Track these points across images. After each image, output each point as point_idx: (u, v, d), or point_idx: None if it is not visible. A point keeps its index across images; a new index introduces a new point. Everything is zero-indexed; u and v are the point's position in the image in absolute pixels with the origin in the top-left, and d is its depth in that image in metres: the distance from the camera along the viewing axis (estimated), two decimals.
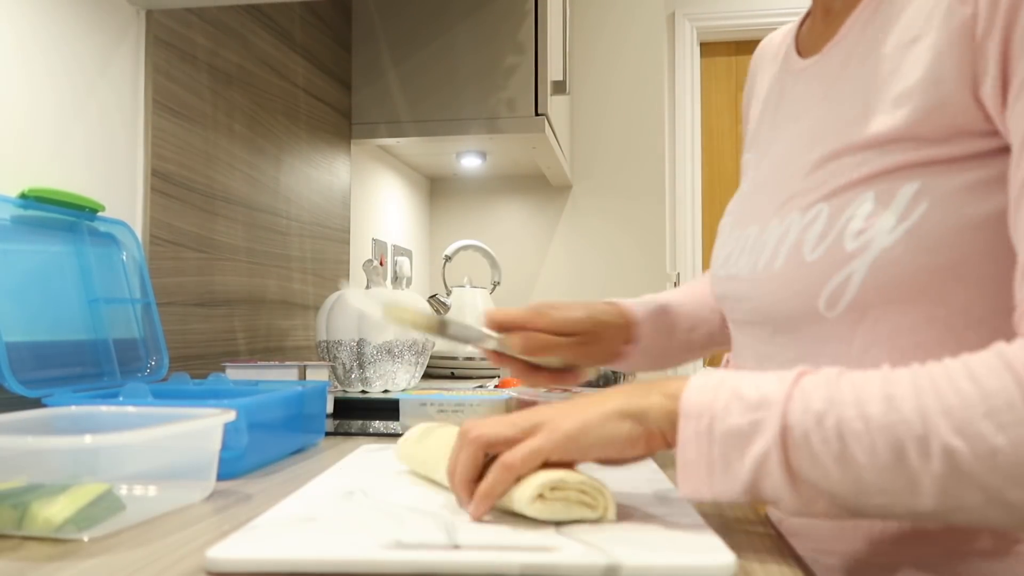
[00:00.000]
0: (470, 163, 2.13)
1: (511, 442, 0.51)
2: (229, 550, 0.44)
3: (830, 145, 0.58)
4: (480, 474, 0.52)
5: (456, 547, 0.45)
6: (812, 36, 0.70)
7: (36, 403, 0.70)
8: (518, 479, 0.50)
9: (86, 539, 0.49)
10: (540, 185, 2.39)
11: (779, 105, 0.72)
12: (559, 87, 1.77)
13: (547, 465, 0.51)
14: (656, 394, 0.51)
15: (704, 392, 0.49)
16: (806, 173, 0.60)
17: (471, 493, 0.51)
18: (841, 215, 0.55)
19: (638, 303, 0.85)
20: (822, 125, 0.61)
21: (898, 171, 0.53)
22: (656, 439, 0.51)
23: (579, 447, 0.50)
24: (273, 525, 0.49)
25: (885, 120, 0.55)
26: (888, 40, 0.57)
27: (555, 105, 1.89)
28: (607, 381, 1.02)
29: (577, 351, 0.77)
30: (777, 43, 0.80)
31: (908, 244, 0.52)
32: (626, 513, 0.52)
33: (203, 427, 0.58)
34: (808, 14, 0.74)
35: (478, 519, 0.50)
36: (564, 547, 0.44)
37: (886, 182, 0.54)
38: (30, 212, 0.82)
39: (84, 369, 0.85)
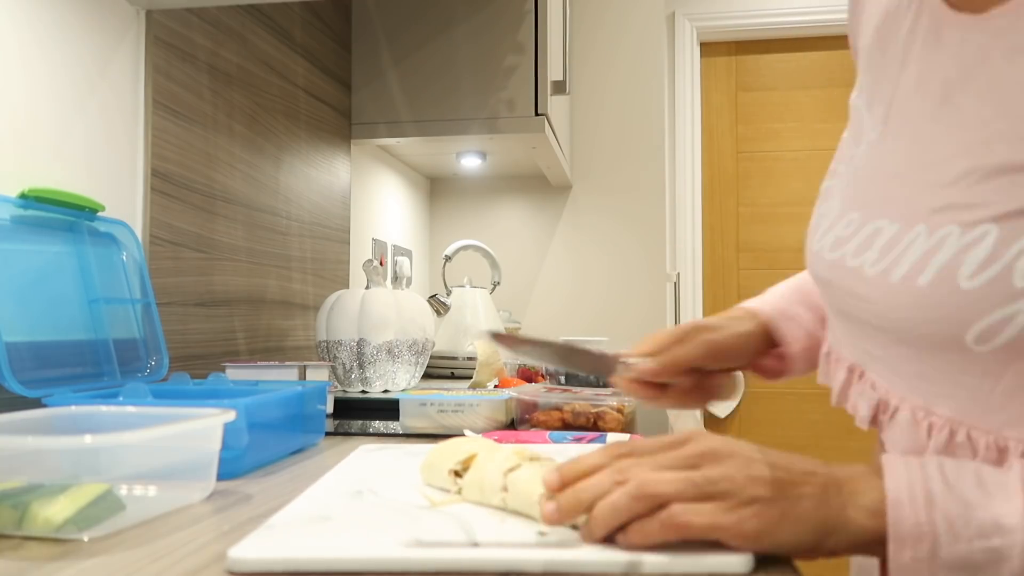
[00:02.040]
0: (470, 163, 2.13)
1: (687, 501, 0.45)
2: (252, 549, 0.44)
3: (1008, 153, 0.50)
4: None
5: (476, 544, 0.45)
6: None
7: (36, 403, 0.70)
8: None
9: (86, 539, 0.49)
10: (540, 185, 2.39)
11: (907, 60, 0.59)
12: (559, 87, 1.77)
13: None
14: (852, 507, 0.45)
15: (916, 509, 0.43)
16: (975, 181, 0.51)
17: (609, 531, 0.45)
18: (1012, 244, 0.48)
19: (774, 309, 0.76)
20: (1006, 120, 0.51)
21: None
22: (840, 551, 0.45)
23: (759, 545, 0.44)
24: (289, 525, 0.49)
25: None
26: None
27: (555, 105, 1.89)
28: (606, 381, 1.02)
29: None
30: None
31: None
32: None
33: (203, 427, 0.58)
34: None
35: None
36: (584, 544, 0.45)
37: None
38: (30, 212, 0.82)
39: (84, 369, 0.85)
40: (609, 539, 0.45)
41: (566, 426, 0.91)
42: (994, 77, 0.52)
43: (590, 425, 0.91)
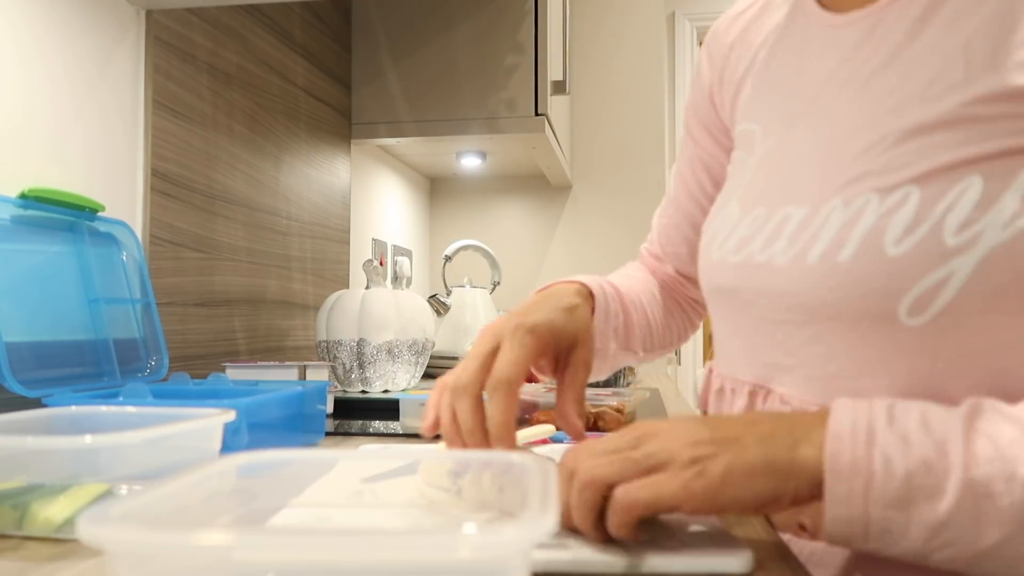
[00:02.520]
0: (470, 163, 2.13)
1: (629, 480, 0.44)
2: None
3: (919, 114, 0.49)
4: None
5: None
6: None
7: (36, 403, 0.70)
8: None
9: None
10: (540, 185, 2.39)
11: (803, 70, 0.61)
12: (559, 87, 1.77)
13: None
14: (804, 445, 0.42)
15: (856, 445, 0.41)
16: (888, 146, 0.50)
17: (605, 535, 0.45)
18: (938, 202, 0.46)
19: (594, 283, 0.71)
20: (903, 89, 0.51)
21: (1022, 152, 0.44)
22: (804, 496, 0.42)
23: (715, 504, 0.42)
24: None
25: (1011, 81, 0.45)
26: None
27: (555, 105, 1.89)
28: (607, 382, 1.02)
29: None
30: (739, 16, 0.71)
31: None
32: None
33: (203, 427, 0.58)
34: None
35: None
36: (575, 545, 0.45)
37: (1002, 164, 0.45)
38: (30, 212, 0.82)
39: (84, 369, 0.85)
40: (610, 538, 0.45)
41: None
42: (896, 51, 0.53)
43: (590, 425, 0.91)
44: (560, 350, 0.63)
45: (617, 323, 0.71)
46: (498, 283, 1.86)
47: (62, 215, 0.86)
